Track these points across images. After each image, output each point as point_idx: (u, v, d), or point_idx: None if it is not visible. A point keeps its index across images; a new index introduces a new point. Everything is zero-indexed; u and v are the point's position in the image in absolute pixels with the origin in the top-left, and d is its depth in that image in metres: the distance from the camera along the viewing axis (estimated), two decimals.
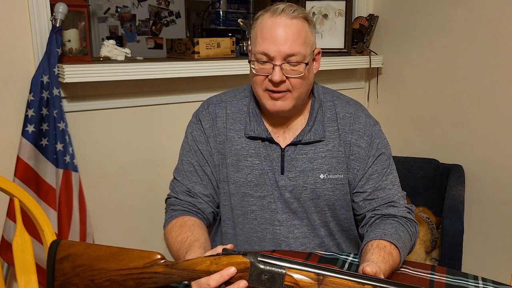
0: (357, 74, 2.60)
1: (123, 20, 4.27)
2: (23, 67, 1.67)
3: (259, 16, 1.16)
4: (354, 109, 1.26)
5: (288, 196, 1.23)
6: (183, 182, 1.26)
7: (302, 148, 1.22)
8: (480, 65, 2.11)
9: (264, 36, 1.12)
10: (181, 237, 1.11)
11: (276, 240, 1.26)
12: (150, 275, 0.89)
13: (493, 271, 2.14)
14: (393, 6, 2.45)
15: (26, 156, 1.62)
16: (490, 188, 2.14)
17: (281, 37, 1.10)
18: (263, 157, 1.23)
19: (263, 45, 1.12)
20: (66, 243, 0.94)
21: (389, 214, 1.19)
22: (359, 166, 1.22)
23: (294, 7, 1.14)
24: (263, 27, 1.13)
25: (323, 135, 1.22)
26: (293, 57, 1.12)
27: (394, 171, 1.26)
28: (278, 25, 1.11)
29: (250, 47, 1.20)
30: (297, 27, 1.12)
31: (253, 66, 1.15)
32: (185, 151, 1.29)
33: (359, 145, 1.22)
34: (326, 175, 1.22)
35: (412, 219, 1.20)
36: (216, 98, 1.32)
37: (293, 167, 1.22)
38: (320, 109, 1.24)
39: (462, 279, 1.04)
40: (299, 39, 1.12)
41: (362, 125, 1.23)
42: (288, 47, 1.10)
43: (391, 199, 1.21)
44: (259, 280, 0.83)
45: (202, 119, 1.28)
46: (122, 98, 1.90)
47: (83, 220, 1.77)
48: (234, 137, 1.25)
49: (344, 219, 1.29)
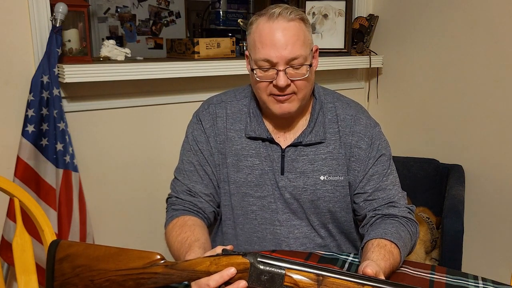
0: (357, 74, 2.60)
1: (123, 20, 4.27)
2: (23, 67, 1.67)
3: (254, 21, 1.14)
4: (354, 111, 1.26)
5: (288, 196, 1.23)
6: (184, 181, 1.26)
7: (303, 150, 1.22)
8: (480, 65, 2.11)
9: (263, 42, 1.11)
10: (181, 237, 1.11)
11: (276, 240, 1.26)
12: (149, 275, 0.89)
13: (493, 271, 2.14)
14: (393, 6, 2.45)
15: (26, 156, 1.62)
16: (490, 188, 2.14)
17: (281, 42, 1.09)
18: (263, 157, 1.23)
19: (263, 51, 1.11)
20: (65, 244, 0.94)
21: (389, 214, 1.19)
22: (359, 167, 1.22)
23: (290, 9, 1.13)
24: (261, 33, 1.11)
25: (324, 137, 1.22)
26: (296, 61, 1.11)
27: (394, 171, 1.26)
28: (276, 30, 1.10)
29: (248, 53, 1.19)
30: (295, 30, 1.11)
31: (256, 74, 1.14)
32: (185, 151, 1.29)
33: (360, 147, 1.22)
34: (326, 177, 1.22)
35: (412, 219, 1.20)
36: (217, 98, 1.31)
37: (294, 168, 1.22)
38: (321, 111, 1.24)
39: (462, 279, 1.04)
40: (299, 41, 1.11)
41: (363, 127, 1.23)
42: (290, 51, 1.10)
43: (391, 199, 1.21)
44: (258, 281, 0.83)
45: (203, 119, 1.28)
46: (122, 98, 1.90)
47: (83, 220, 1.77)
48: (234, 137, 1.25)
49: (344, 222, 1.28)
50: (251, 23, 1.16)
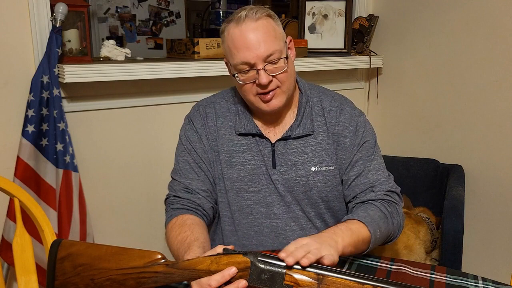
0: (357, 74, 2.60)
1: (123, 20, 4.28)
2: (23, 67, 1.67)
3: (225, 28, 1.18)
4: (339, 103, 1.31)
5: (282, 189, 1.26)
6: (181, 180, 1.29)
7: (292, 143, 1.26)
8: (480, 65, 2.11)
9: (237, 47, 1.15)
10: (181, 236, 1.11)
11: (273, 233, 1.28)
12: (150, 274, 0.89)
13: (493, 271, 2.14)
14: (393, 6, 2.45)
15: (26, 156, 1.62)
16: (490, 188, 2.14)
17: (254, 42, 1.13)
18: (255, 152, 1.27)
19: (239, 55, 1.15)
20: (67, 243, 0.95)
21: (366, 200, 1.21)
22: (345, 155, 1.26)
23: (255, 8, 1.16)
24: (233, 38, 1.15)
25: (312, 129, 1.26)
26: (272, 56, 1.15)
27: (378, 157, 1.29)
28: (246, 32, 1.14)
29: (226, 60, 1.23)
30: (264, 27, 1.15)
31: (238, 78, 1.18)
32: (180, 152, 1.33)
33: (345, 135, 1.26)
34: (317, 167, 1.26)
35: (390, 200, 1.21)
36: (206, 100, 1.37)
37: (285, 161, 1.26)
38: (307, 104, 1.28)
39: (462, 279, 1.04)
40: (270, 37, 1.15)
41: (347, 117, 1.28)
42: (264, 49, 1.13)
43: (372, 184, 1.23)
44: (259, 280, 0.84)
45: (194, 120, 1.32)
46: (122, 98, 1.90)
47: (83, 220, 1.77)
48: (225, 134, 1.29)
49: (338, 211, 1.32)
50: (222, 31, 1.20)
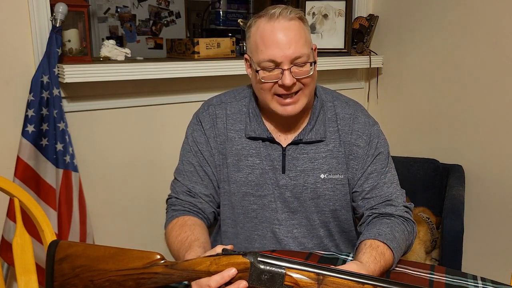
0: (357, 74, 2.60)
1: (123, 20, 4.27)
2: (23, 67, 1.67)
3: (254, 23, 1.15)
4: (353, 110, 1.27)
5: (289, 195, 1.24)
6: (184, 182, 1.26)
7: (303, 148, 1.23)
8: (480, 65, 2.11)
9: (266, 43, 1.11)
10: (181, 236, 1.11)
11: (276, 238, 1.27)
12: (149, 275, 0.89)
13: (493, 271, 2.13)
14: (393, 6, 2.45)
15: (26, 156, 1.62)
16: (490, 188, 2.13)
17: (284, 41, 1.10)
18: (263, 156, 1.24)
19: (267, 52, 1.11)
20: (65, 244, 0.94)
21: (386, 213, 1.19)
22: (358, 165, 1.23)
23: (289, 8, 1.14)
24: (263, 34, 1.12)
25: (324, 135, 1.23)
26: (300, 59, 1.12)
27: (392, 169, 1.27)
28: (278, 30, 1.11)
29: (248, 56, 1.20)
30: (297, 29, 1.12)
31: (260, 75, 1.14)
32: (185, 152, 1.30)
33: (358, 145, 1.23)
34: (326, 175, 1.23)
35: (409, 219, 1.20)
36: (216, 99, 1.32)
37: (294, 166, 1.23)
38: (322, 109, 1.25)
39: (462, 279, 1.04)
40: (301, 39, 1.12)
41: (361, 125, 1.24)
42: (293, 50, 1.11)
43: (389, 197, 1.21)
44: (259, 280, 0.83)
45: (202, 120, 1.28)
46: (122, 98, 1.90)
47: (83, 220, 1.77)
48: (234, 137, 1.25)
49: (344, 220, 1.29)
50: (250, 26, 1.16)
